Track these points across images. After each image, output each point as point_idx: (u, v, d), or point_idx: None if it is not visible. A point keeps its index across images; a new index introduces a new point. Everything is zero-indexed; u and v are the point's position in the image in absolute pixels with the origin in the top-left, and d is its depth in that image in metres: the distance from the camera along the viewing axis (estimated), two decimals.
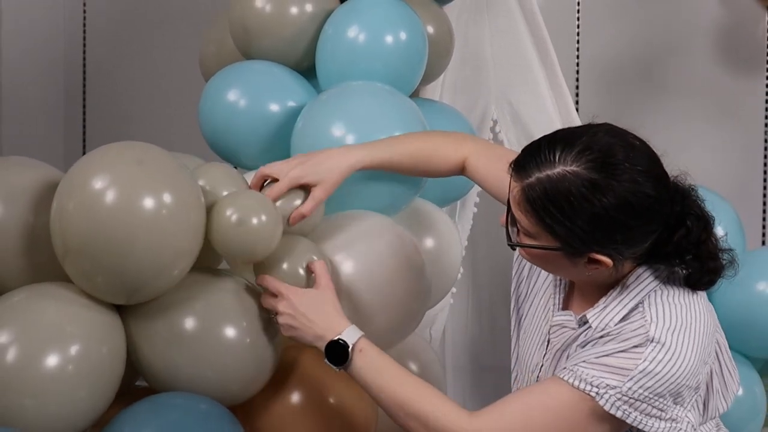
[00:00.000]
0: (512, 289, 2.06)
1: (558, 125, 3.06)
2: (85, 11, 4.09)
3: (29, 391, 1.74)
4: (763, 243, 3.70)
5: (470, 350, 3.54)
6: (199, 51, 2.83)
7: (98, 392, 1.83)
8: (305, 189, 2.04)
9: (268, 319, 1.99)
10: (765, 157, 3.76)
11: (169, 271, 1.86)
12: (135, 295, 1.87)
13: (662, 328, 1.71)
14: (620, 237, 1.70)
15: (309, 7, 2.48)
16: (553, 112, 3.13)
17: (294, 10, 2.48)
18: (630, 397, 1.69)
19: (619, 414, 1.70)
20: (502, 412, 1.77)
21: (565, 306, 1.92)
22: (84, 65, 4.11)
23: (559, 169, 1.68)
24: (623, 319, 1.76)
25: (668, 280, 1.79)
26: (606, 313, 1.78)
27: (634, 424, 1.71)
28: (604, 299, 1.79)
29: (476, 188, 2.89)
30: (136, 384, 2.08)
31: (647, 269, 1.78)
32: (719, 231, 1.82)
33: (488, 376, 3.40)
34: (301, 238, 2.03)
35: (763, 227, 3.70)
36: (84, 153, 2.47)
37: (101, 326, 1.85)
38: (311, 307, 1.90)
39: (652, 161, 1.72)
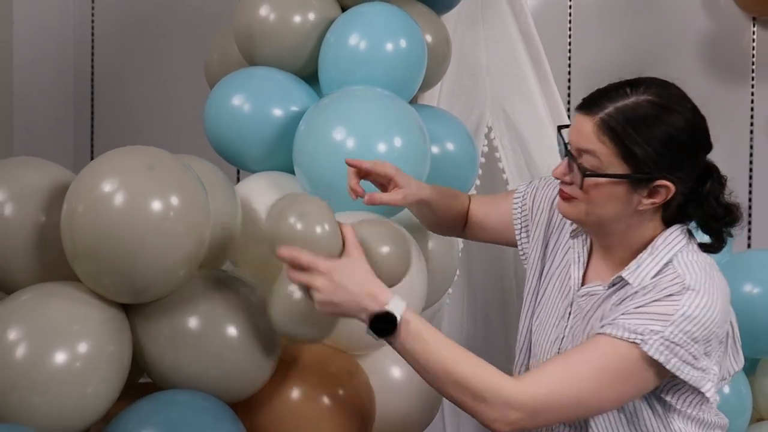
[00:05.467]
0: (528, 284, 2.12)
1: (550, 132, 3.11)
2: (93, 21, 4.11)
3: (38, 388, 1.77)
4: (749, 246, 3.76)
5: None
6: (205, 58, 2.87)
7: (105, 389, 1.86)
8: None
9: (269, 319, 1.99)
10: (750, 163, 3.81)
11: (175, 273, 1.89)
12: (142, 295, 1.90)
13: (695, 278, 1.82)
14: (685, 161, 1.84)
15: (312, 16, 2.53)
16: (545, 119, 3.17)
17: (297, 18, 2.53)
18: (671, 342, 1.76)
19: (661, 359, 1.76)
20: (545, 371, 1.82)
21: (583, 283, 2.00)
22: (92, 73, 4.14)
23: (633, 98, 1.85)
24: (657, 274, 1.86)
25: (689, 242, 1.91)
26: (641, 270, 1.87)
27: (672, 370, 1.78)
28: (635, 261, 1.89)
29: (473, 190, 2.93)
30: (140, 381, 2.12)
31: (672, 232, 1.90)
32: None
33: None
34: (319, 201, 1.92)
35: (749, 230, 3.76)
36: (92, 158, 2.49)
37: (108, 325, 1.88)
38: (350, 279, 1.79)
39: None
